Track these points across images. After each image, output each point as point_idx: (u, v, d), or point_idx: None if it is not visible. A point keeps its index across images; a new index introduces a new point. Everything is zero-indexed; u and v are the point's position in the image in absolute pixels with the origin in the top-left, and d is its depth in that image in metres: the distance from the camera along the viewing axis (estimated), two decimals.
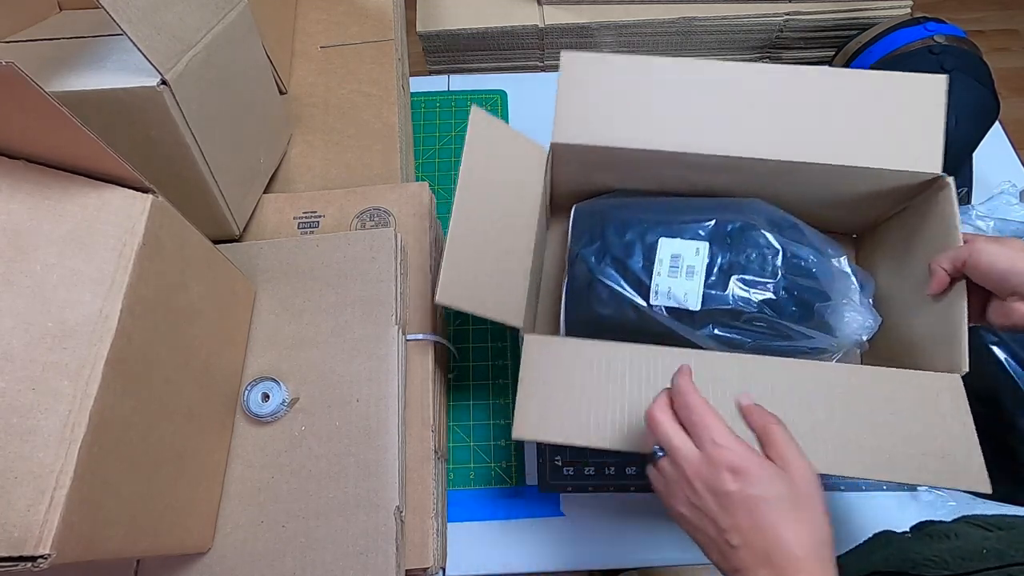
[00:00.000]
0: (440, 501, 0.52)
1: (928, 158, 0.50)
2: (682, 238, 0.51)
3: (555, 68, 0.61)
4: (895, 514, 0.56)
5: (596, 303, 0.52)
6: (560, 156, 0.55)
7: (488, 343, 0.66)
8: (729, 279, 0.49)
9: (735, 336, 0.50)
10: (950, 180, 0.49)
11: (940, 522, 0.42)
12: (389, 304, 0.52)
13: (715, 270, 0.50)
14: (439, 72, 0.92)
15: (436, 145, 0.79)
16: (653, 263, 0.51)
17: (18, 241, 0.34)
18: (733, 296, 0.49)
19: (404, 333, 0.53)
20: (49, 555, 0.28)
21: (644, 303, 0.51)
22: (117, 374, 0.33)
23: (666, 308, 0.50)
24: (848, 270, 0.51)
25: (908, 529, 0.45)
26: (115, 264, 0.35)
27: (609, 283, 0.51)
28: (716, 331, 0.50)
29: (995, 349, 0.53)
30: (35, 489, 0.29)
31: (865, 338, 0.51)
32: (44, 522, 0.29)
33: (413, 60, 0.83)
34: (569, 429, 0.45)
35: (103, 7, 0.38)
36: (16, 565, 0.28)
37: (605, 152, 0.53)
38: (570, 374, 0.46)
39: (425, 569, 0.47)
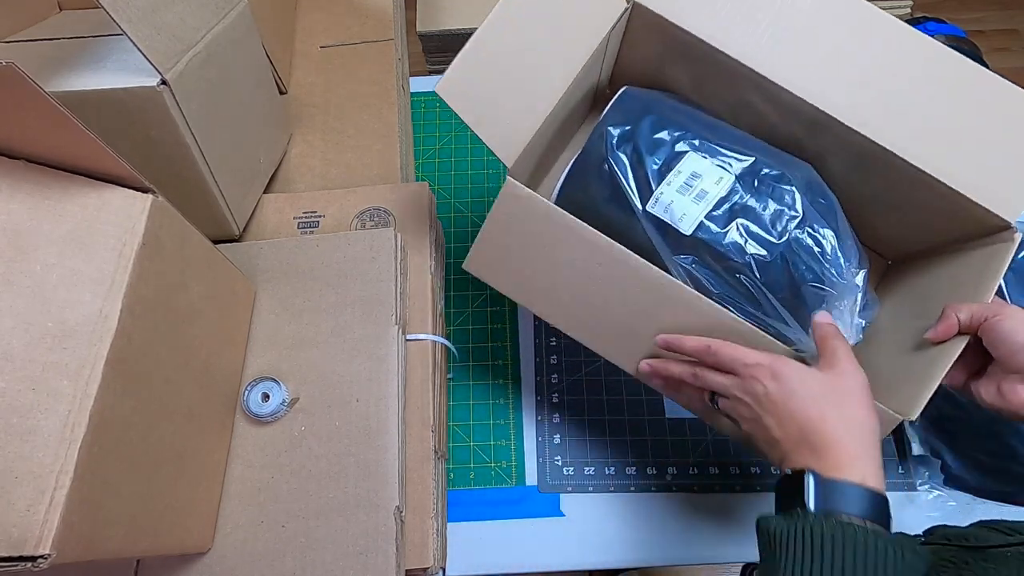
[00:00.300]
0: (440, 501, 0.52)
1: (1013, 203, 0.44)
2: (712, 160, 0.46)
3: None
4: (894, 513, 0.56)
5: (594, 185, 0.48)
6: (637, 26, 0.49)
7: (488, 343, 0.66)
8: (734, 220, 0.45)
9: (709, 279, 0.46)
10: (1018, 235, 0.43)
11: (955, 527, 0.42)
12: (389, 304, 0.52)
13: (725, 205, 0.45)
14: (439, 72, 0.92)
15: (436, 145, 0.79)
16: (670, 172, 0.46)
17: (18, 241, 0.34)
18: (728, 237, 0.45)
19: (404, 333, 0.53)
20: (49, 555, 0.28)
21: (639, 206, 0.46)
22: (117, 374, 0.33)
23: (657, 219, 0.46)
24: (860, 284, 0.47)
25: (921, 533, 0.44)
26: (115, 264, 0.35)
27: (617, 171, 0.47)
28: (693, 265, 0.46)
29: None
30: (35, 489, 0.29)
31: None
32: (44, 522, 0.29)
33: (413, 60, 0.83)
34: (520, 288, 0.46)
35: (103, 7, 0.38)
36: (16, 565, 0.28)
37: (691, 43, 0.46)
38: (539, 240, 0.44)
39: (425, 569, 0.47)
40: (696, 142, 0.47)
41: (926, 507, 0.57)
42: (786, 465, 0.35)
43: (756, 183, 0.46)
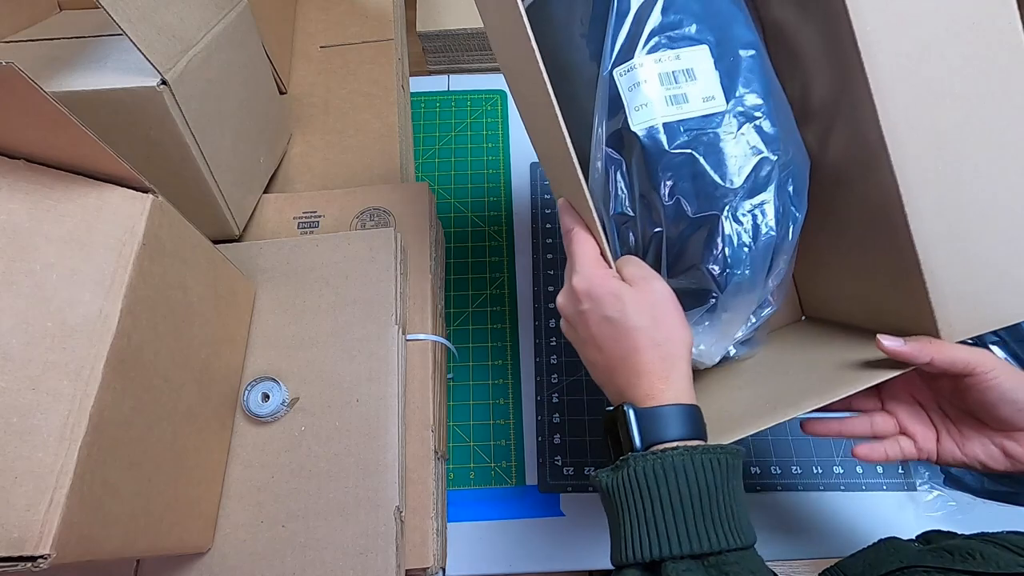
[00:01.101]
0: (440, 501, 0.52)
1: (958, 328, 0.37)
2: (720, 73, 0.38)
3: None
4: (894, 513, 0.56)
5: (579, 6, 0.39)
6: None
7: (488, 343, 0.66)
8: (689, 149, 0.37)
9: (620, 184, 0.39)
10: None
11: (951, 533, 0.40)
12: (389, 304, 0.52)
13: (694, 129, 0.37)
14: (439, 72, 0.92)
15: (436, 145, 0.79)
16: (668, 49, 0.38)
17: (18, 241, 0.34)
18: (669, 161, 0.37)
19: (404, 333, 0.53)
20: (49, 555, 0.28)
21: (607, 66, 0.38)
22: (117, 374, 0.33)
23: (614, 90, 0.38)
24: (755, 319, 0.41)
25: (915, 538, 0.42)
26: (115, 264, 0.35)
27: (615, 4, 0.38)
28: (612, 164, 0.39)
29: (995, 348, 0.53)
30: (35, 489, 0.29)
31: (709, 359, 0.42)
32: (44, 522, 0.29)
33: (413, 60, 0.83)
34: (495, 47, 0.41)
35: (103, 7, 0.38)
36: (16, 565, 0.28)
37: None
38: (504, 24, 0.37)
39: (425, 569, 0.47)
40: (720, 44, 0.38)
41: (926, 507, 0.57)
42: (608, 391, 0.36)
43: (741, 130, 0.38)
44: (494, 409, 0.63)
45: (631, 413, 0.33)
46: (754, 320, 0.43)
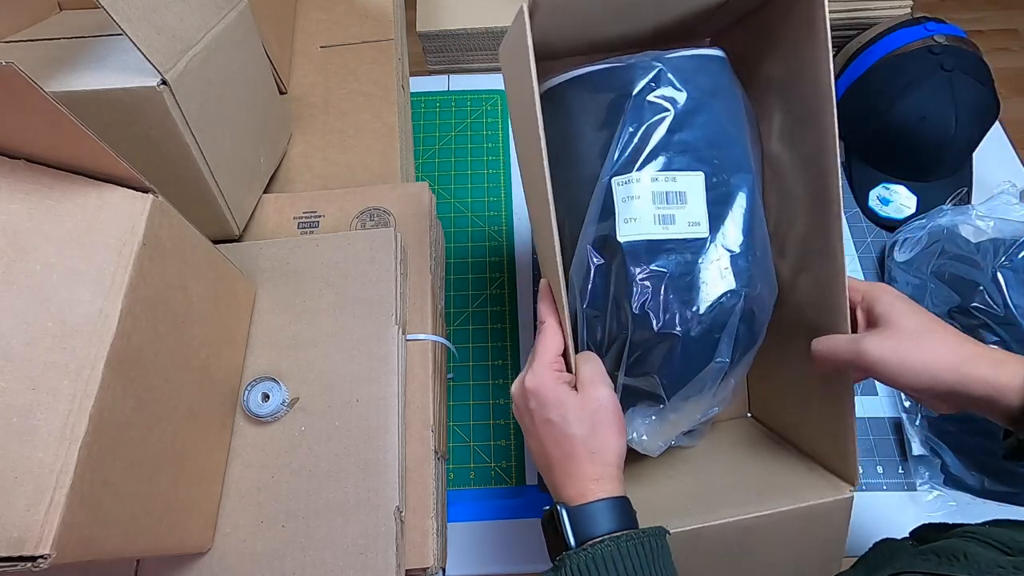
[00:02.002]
0: (440, 501, 0.52)
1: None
2: (709, 199, 0.40)
3: None
4: (894, 514, 0.56)
5: (590, 113, 0.41)
6: None
7: (488, 343, 0.66)
8: (665, 269, 0.39)
9: (596, 282, 0.41)
10: None
11: (943, 526, 0.40)
12: (389, 304, 0.52)
13: (673, 254, 0.40)
14: (439, 72, 0.92)
15: (436, 145, 0.79)
16: (667, 170, 0.39)
17: (18, 241, 0.34)
18: (643, 272, 0.39)
19: (404, 333, 0.53)
20: (49, 555, 0.28)
21: (606, 174, 0.40)
22: (117, 374, 0.33)
23: (608, 195, 0.40)
24: (699, 415, 0.44)
25: (909, 534, 0.43)
26: (115, 264, 0.35)
27: (625, 124, 0.39)
28: (597, 268, 0.40)
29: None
30: (35, 489, 0.29)
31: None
32: (44, 522, 0.29)
33: (413, 60, 0.83)
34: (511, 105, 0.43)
35: (103, 7, 0.38)
36: (16, 565, 0.28)
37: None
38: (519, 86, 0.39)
39: (425, 569, 0.47)
40: (716, 172, 0.40)
41: (926, 507, 0.57)
42: (548, 485, 0.38)
43: (718, 260, 0.40)
44: (494, 409, 0.63)
45: (564, 513, 0.35)
46: (699, 418, 0.45)
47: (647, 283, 0.40)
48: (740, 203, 0.41)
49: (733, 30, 0.48)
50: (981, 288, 0.56)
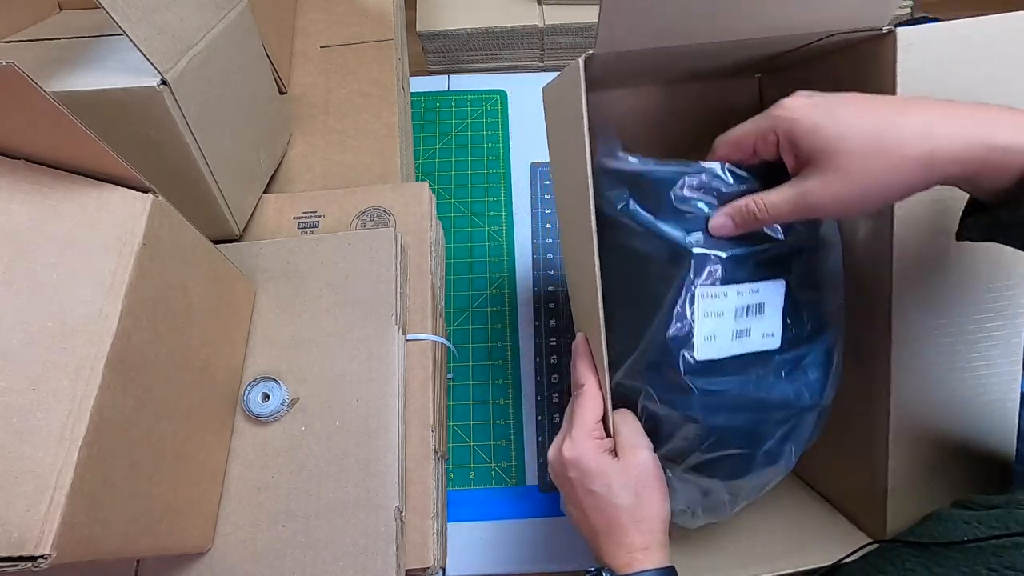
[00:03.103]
0: (440, 501, 0.52)
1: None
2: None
3: (555, 68, 0.59)
4: None
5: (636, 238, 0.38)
6: None
7: (488, 343, 0.66)
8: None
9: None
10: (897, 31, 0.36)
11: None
12: (389, 304, 0.52)
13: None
14: (439, 72, 0.92)
15: (436, 145, 0.79)
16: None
17: (18, 241, 0.34)
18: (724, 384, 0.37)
19: (404, 333, 0.53)
20: (49, 555, 0.28)
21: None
22: (117, 374, 0.33)
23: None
24: (728, 500, 0.41)
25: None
26: (115, 264, 0.35)
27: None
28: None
29: None
30: (35, 489, 0.29)
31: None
32: (44, 522, 0.29)
33: (413, 60, 0.83)
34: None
35: (103, 7, 0.38)
36: (16, 565, 0.28)
37: None
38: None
39: (425, 569, 0.47)
40: (798, 279, 0.38)
41: None
42: (590, 548, 0.38)
43: (788, 376, 0.38)
44: (494, 409, 0.63)
45: None
46: (751, 500, 0.43)
47: (719, 399, 0.37)
48: (814, 312, 0.39)
49: (787, 71, 0.46)
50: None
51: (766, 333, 0.37)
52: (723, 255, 0.36)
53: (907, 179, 0.30)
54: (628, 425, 0.38)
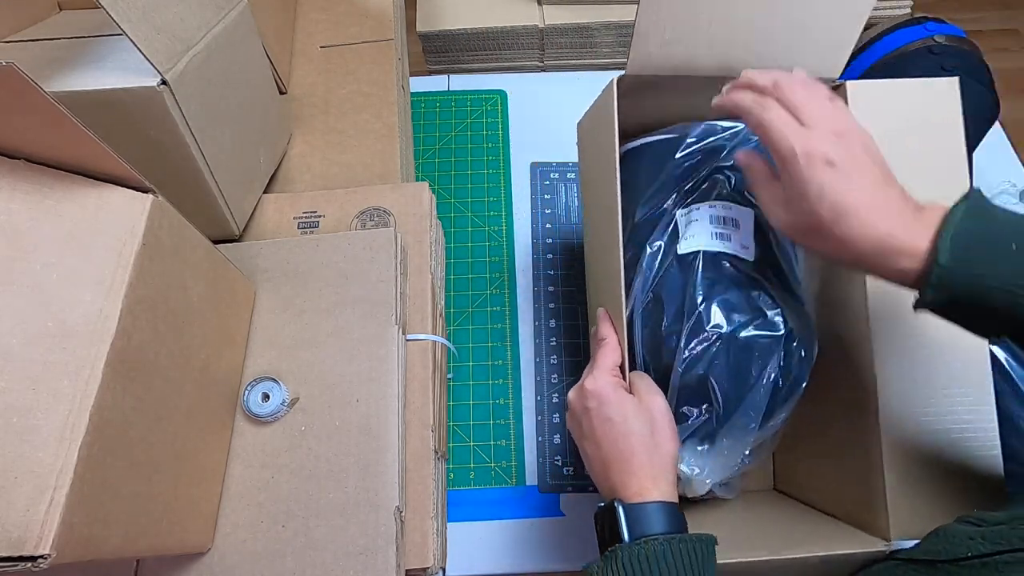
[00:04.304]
0: (440, 501, 0.52)
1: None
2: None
3: (555, 68, 0.59)
4: None
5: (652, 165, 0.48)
6: None
7: (488, 343, 0.66)
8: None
9: (651, 272, 0.45)
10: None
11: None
12: (389, 304, 0.52)
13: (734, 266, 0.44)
14: (439, 72, 0.92)
15: (436, 145, 0.79)
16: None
17: (18, 241, 0.34)
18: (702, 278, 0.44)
19: (404, 333, 0.53)
20: (49, 555, 0.28)
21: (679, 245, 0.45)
22: (117, 374, 0.33)
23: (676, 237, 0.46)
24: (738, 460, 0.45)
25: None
26: (115, 264, 0.35)
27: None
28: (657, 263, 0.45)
29: (994, 349, 0.53)
30: (35, 489, 0.29)
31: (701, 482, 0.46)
32: (44, 522, 0.29)
33: (413, 60, 0.83)
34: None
35: (103, 7, 0.38)
36: (16, 565, 0.28)
37: None
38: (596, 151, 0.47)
39: (425, 569, 0.47)
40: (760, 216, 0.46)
41: None
42: (601, 486, 0.40)
43: (767, 281, 0.44)
44: (494, 409, 0.63)
45: (621, 510, 0.36)
46: (749, 450, 0.45)
47: (704, 286, 0.43)
48: (783, 250, 0.46)
49: None
50: None
51: (744, 244, 0.45)
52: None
53: (828, 253, 0.35)
54: (645, 380, 0.41)
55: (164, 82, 0.42)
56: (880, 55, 0.75)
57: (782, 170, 0.36)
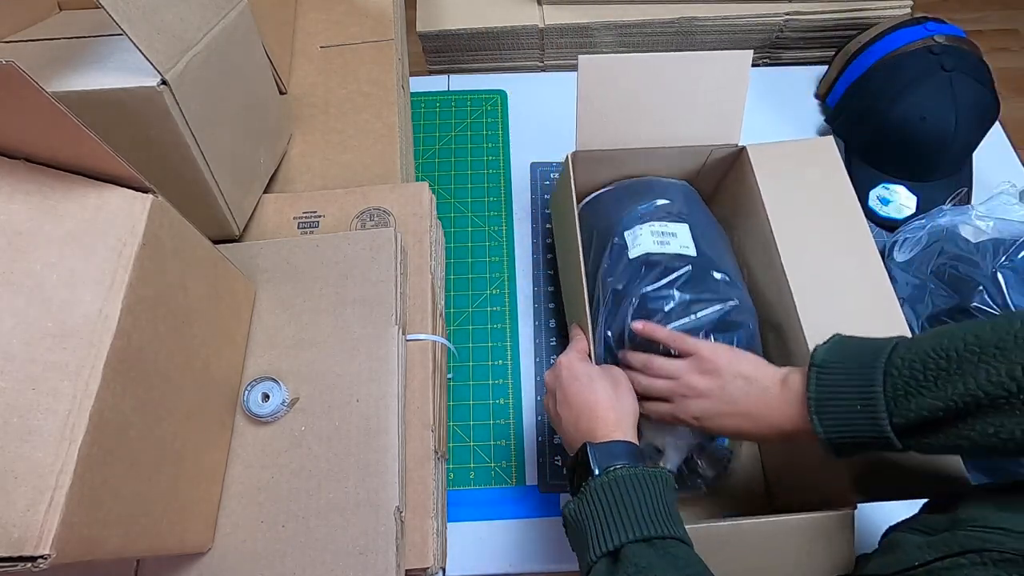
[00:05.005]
0: (440, 501, 0.52)
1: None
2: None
3: (555, 68, 0.60)
4: (897, 515, 0.56)
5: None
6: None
7: (488, 343, 0.66)
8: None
9: (610, 265, 0.55)
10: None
11: (893, 529, 0.43)
12: (389, 304, 0.52)
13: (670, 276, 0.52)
14: (439, 72, 0.92)
15: (436, 145, 0.79)
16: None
17: (18, 241, 0.34)
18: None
19: (404, 333, 0.53)
20: (49, 555, 0.28)
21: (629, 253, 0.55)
22: (117, 374, 0.33)
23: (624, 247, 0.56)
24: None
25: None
26: (115, 264, 0.35)
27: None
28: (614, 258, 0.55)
29: None
30: (35, 489, 0.29)
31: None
32: (44, 522, 0.29)
33: (413, 60, 0.83)
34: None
35: (103, 7, 0.38)
36: (16, 565, 0.28)
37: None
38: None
39: (425, 569, 0.47)
40: (696, 227, 0.57)
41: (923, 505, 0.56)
42: (573, 442, 0.44)
43: (712, 274, 0.53)
44: (494, 409, 0.63)
45: (590, 448, 0.41)
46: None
47: (649, 285, 0.52)
48: (718, 244, 0.57)
49: (702, 173, 0.66)
50: (981, 288, 0.56)
51: (683, 246, 0.54)
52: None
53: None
54: (609, 366, 0.50)
55: (164, 82, 0.42)
56: (880, 55, 0.75)
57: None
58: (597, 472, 0.40)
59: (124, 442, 0.34)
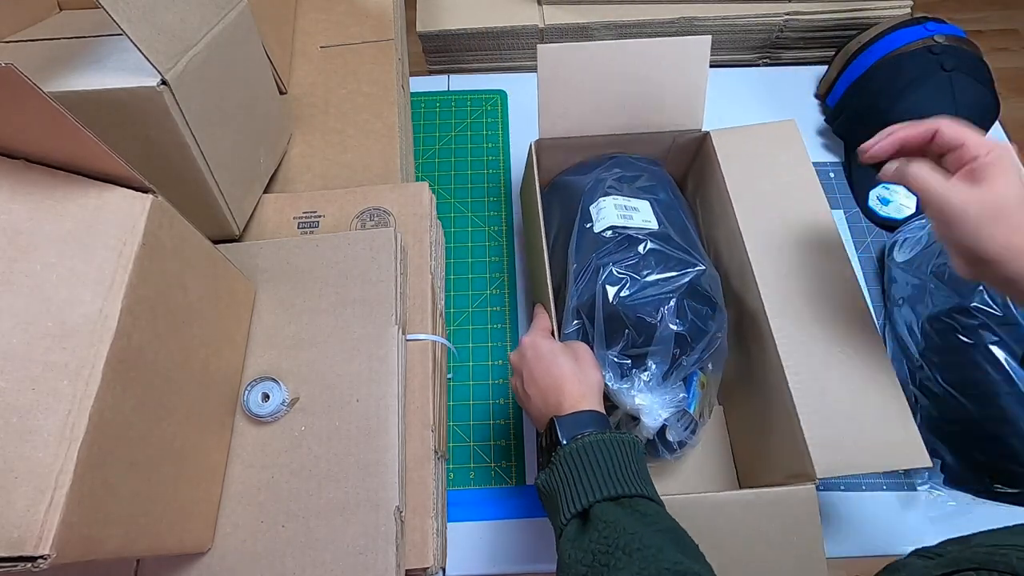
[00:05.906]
0: (440, 501, 0.52)
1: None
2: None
3: None
4: (894, 514, 0.56)
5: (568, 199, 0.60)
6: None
7: (488, 343, 0.66)
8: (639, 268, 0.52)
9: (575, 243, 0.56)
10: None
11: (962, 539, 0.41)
12: (389, 304, 0.52)
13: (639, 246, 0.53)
14: (439, 72, 0.92)
15: (436, 145, 0.79)
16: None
17: (18, 241, 0.34)
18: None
19: (404, 333, 0.53)
20: (49, 555, 0.28)
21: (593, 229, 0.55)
22: (117, 374, 0.33)
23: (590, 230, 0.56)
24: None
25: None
26: (115, 264, 0.35)
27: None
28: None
29: (994, 349, 0.53)
30: (35, 489, 0.29)
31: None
32: (44, 522, 0.29)
33: (413, 60, 0.83)
34: None
35: (103, 7, 0.38)
36: (16, 565, 0.28)
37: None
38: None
39: (425, 569, 0.47)
40: (658, 203, 0.57)
41: (926, 507, 0.57)
42: (541, 418, 0.45)
43: (670, 246, 0.53)
44: (494, 409, 0.63)
45: (557, 421, 0.42)
46: (682, 399, 0.51)
47: (615, 254, 0.52)
48: (682, 221, 0.57)
49: (672, 155, 0.66)
50: (981, 288, 0.56)
51: (645, 220, 0.55)
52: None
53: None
54: (574, 341, 0.50)
55: (164, 82, 0.42)
56: (880, 55, 0.75)
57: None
58: (565, 442, 0.40)
59: (124, 442, 0.34)
